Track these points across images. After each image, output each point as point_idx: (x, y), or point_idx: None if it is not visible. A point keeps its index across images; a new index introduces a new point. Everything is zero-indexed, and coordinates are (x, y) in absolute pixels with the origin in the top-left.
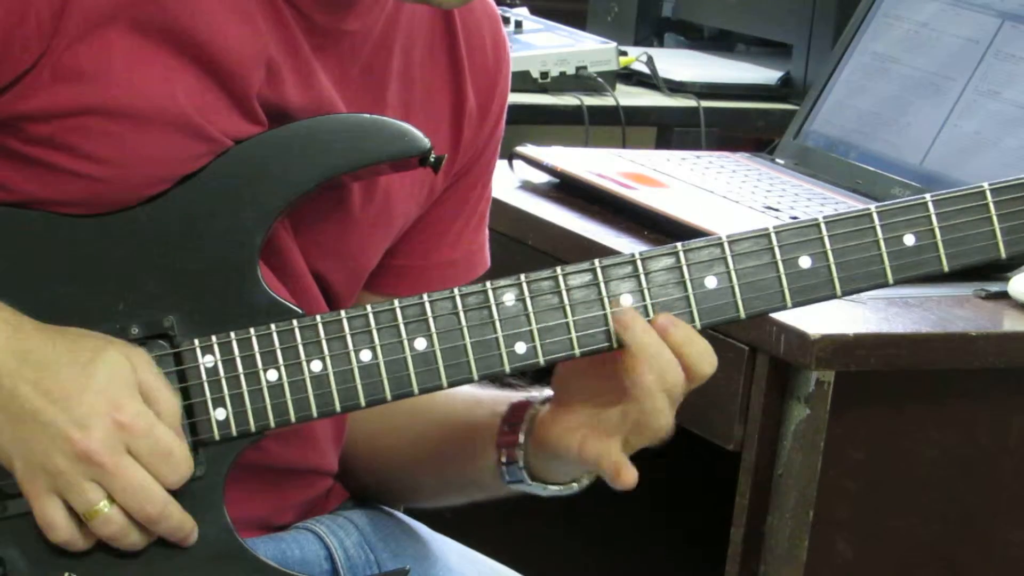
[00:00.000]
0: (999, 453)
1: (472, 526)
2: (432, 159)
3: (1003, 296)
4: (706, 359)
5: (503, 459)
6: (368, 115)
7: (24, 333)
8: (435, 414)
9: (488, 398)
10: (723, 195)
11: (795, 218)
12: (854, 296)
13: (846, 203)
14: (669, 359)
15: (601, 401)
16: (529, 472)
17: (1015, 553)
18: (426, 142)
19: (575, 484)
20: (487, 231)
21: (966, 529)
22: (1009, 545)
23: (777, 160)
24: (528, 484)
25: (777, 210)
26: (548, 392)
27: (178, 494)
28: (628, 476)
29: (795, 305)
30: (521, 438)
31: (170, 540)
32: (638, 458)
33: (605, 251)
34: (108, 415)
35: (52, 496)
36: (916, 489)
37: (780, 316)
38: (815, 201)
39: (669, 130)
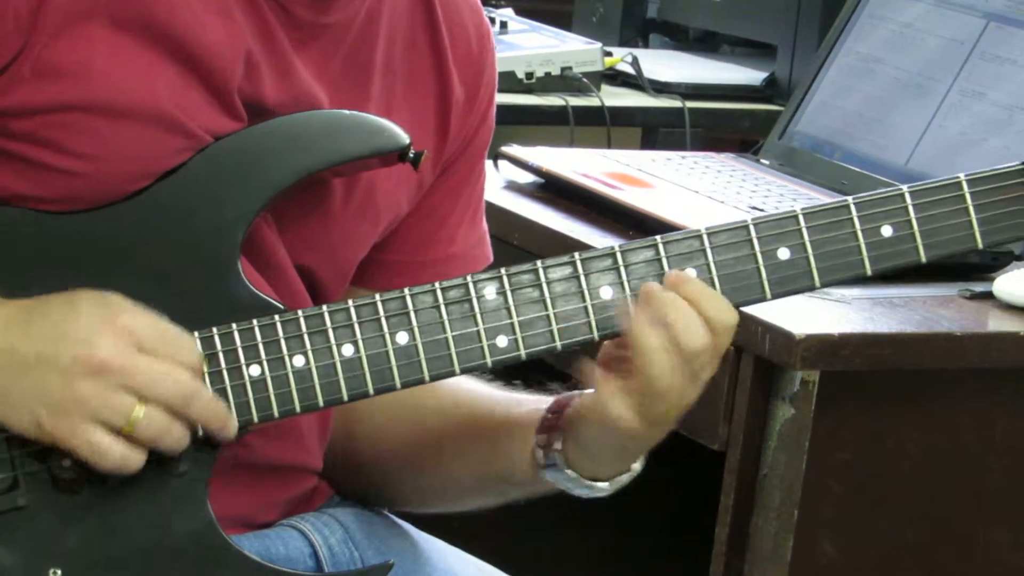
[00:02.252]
0: (983, 453)
1: (458, 525)
2: (412, 155)
3: (988, 296)
4: (723, 313)
5: (542, 443)
6: (348, 111)
7: (2, 305)
8: (461, 411)
9: (530, 398)
10: (708, 195)
11: None
12: (839, 296)
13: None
14: (684, 309)
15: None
16: (565, 458)
17: (998, 554)
18: (405, 138)
19: (605, 483)
20: (485, 226)
21: (950, 529)
22: (992, 545)
23: (762, 160)
24: (563, 470)
25: (762, 210)
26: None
27: (163, 491)
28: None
29: (775, 296)
30: (563, 421)
31: (210, 429)
32: None
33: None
34: (106, 326)
35: (88, 424)
36: (901, 489)
37: (765, 316)
38: (800, 201)
39: (654, 130)
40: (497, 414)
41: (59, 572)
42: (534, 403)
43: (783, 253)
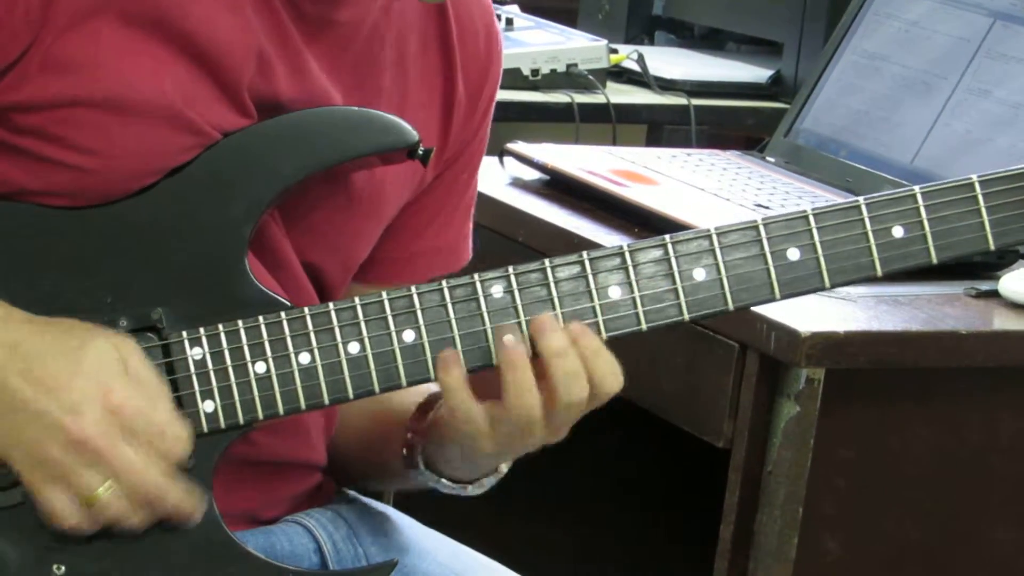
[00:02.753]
0: (988, 451)
1: (462, 521)
2: (421, 152)
3: (993, 295)
4: (611, 376)
5: (406, 442)
6: (356, 108)
7: (13, 324)
8: (378, 402)
9: (416, 390)
10: (714, 193)
11: None
12: (844, 294)
13: (836, 201)
14: (577, 367)
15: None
16: (426, 460)
17: (1003, 551)
18: (415, 135)
19: (471, 485)
20: (471, 223)
21: (955, 527)
22: (997, 543)
23: (767, 158)
24: (421, 471)
25: (767, 207)
26: None
27: None
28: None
29: (783, 297)
30: (427, 423)
31: (173, 520)
32: (630, 456)
33: (596, 248)
34: (99, 399)
35: (53, 485)
36: (905, 487)
37: (770, 314)
38: (806, 199)
39: (659, 128)
40: (384, 407)
41: (63, 568)
42: (413, 396)
43: (793, 253)
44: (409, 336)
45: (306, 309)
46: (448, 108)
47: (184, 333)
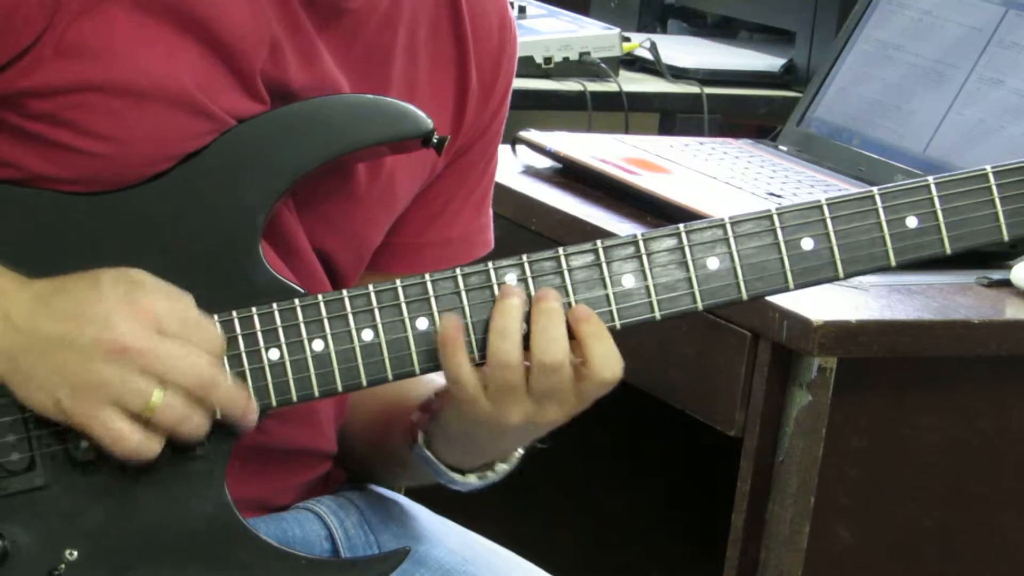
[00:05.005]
0: (1000, 440)
1: (472, 510)
2: (435, 140)
3: (1005, 284)
4: (609, 363)
5: (414, 421)
6: (371, 96)
7: (31, 286)
8: (391, 392)
9: (427, 378)
10: (726, 181)
11: None
12: (857, 283)
13: (849, 190)
14: (556, 331)
15: None
16: (425, 438)
17: (1015, 540)
18: (429, 123)
19: (471, 476)
20: (490, 213)
21: (966, 515)
22: (1009, 532)
23: (780, 147)
24: (424, 453)
25: (780, 196)
26: None
27: (180, 473)
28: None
29: (797, 287)
30: (434, 407)
31: (231, 417)
32: (641, 444)
33: (608, 236)
34: (127, 309)
35: (107, 408)
36: (917, 476)
37: (783, 302)
38: (818, 188)
39: (672, 116)
40: (400, 396)
41: (75, 553)
42: (429, 387)
43: (807, 243)
44: (423, 324)
45: (319, 296)
46: (461, 98)
47: None
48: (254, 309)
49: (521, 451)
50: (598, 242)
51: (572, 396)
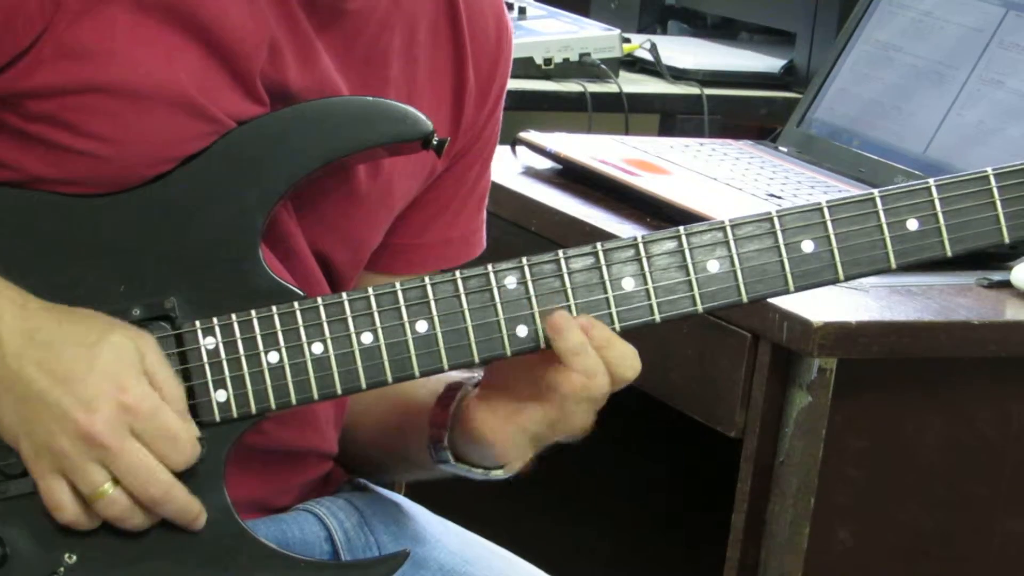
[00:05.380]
0: (1000, 441)
1: (471, 510)
2: (435, 142)
3: (1005, 285)
4: (627, 362)
5: (432, 437)
6: (371, 98)
7: (30, 312)
8: (394, 392)
9: (433, 379)
10: (726, 182)
11: None
12: (857, 284)
13: (849, 191)
14: (596, 362)
15: (526, 395)
16: (453, 452)
17: (1015, 542)
18: (428, 125)
19: (500, 471)
20: (484, 214)
21: (966, 517)
22: (1009, 534)
23: (780, 148)
24: (452, 464)
25: (780, 197)
26: (479, 377)
27: (179, 475)
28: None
29: (797, 289)
30: (449, 417)
31: (176, 523)
32: (642, 445)
33: (608, 237)
34: (113, 397)
35: (58, 477)
36: (917, 477)
37: (783, 303)
38: (818, 189)
39: (672, 117)
40: (402, 398)
41: (74, 557)
42: (428, 387)
43: (807, 246)
44: (422, 327)
45: (319, 299)
46: (459, 99)
47: (197, 322)
48: (253, 312)
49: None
50: (598, 245)
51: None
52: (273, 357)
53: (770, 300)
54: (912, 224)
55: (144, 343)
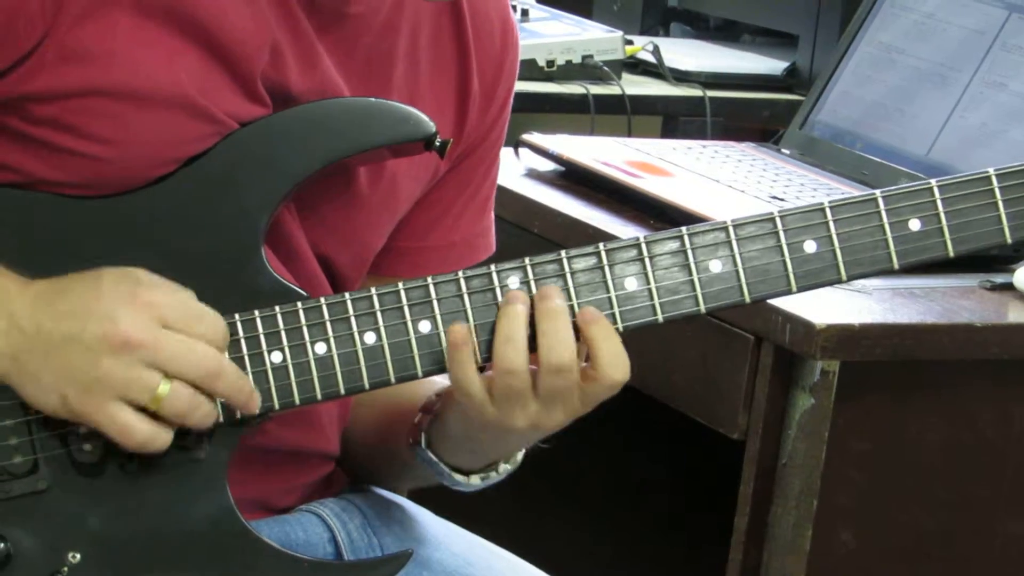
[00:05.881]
0: (1003, 444)
1: (475, 513)
2: (438, 143)
3: (1008, 287)
4: (618, 361)
5: (416, 421)
6: (373, 99)
7: (33, 286)
8: (393, 394)
9: (430, 388)
10: (728, 184)
11: None
12: (860, 286)
13: (851, 193)
14: (563, 333)
15: None
16: (428, 439)
17: (1017, 543)
18: (431, 126)
19: (474, 476)
20: (492, 217)
21: (969, 519)
22: (1012, 536)
23: (783, 150)
24: (422, 449)
25: (782, 199)
26: None
27: (182, 475)
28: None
29: (800, 290)
30: (438, 406)
31: (235, 404)
32: (644, 447)
33: (610, 239)
34: (129, 302)
35: (114, 402)
36: (919, 479)
37: (786, 306)
38: (820, 191)
39: (675, 119)
40: (403, 397)
41: (78, 556)
42: (432, 384)
43: (809, 246)
44: (425, 327)
45: (322, 299)
46: (463, 102)
47: None
48: (256, 312)
49: (523, 451)
50: (600, 245)
51: (578, 398)
52: (276, 357)
53: (773, 302)
54: (914, 224)
55: (136, 269)
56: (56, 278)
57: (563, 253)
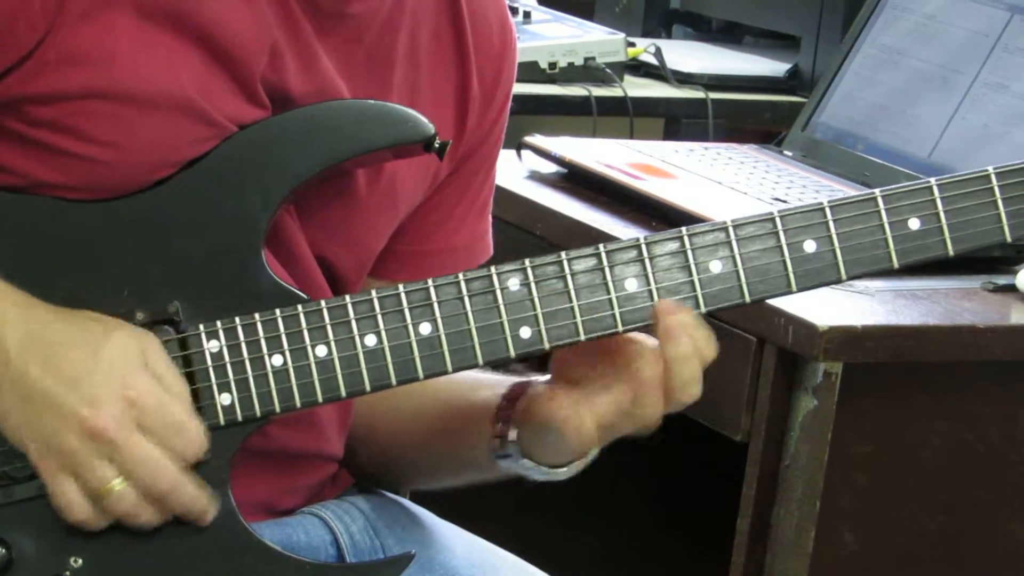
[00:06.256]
0: (1005, 446)
1: (477, 513)
2: (437, 145)
3: (1011, 289)
4: (711, 344)
5: (497, 432)
6: (373, 101)
7: (33, 314)
8: (437, 394)
9: (492, 380)
10: (731, 186)
11: None
12: (862, 288)
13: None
14: (687, 346)
15: (596, 385)
16: (521, 448)
17: (1020, 545)
18: (430, 128)
19: (563, 469)
20: (490, 219)
21: (972, 521)
22: (1014, 538)
23: (785, 152)
24: (517, 460)
25: (785, 201)
26: (548, 376)
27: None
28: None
29: (800, 289)
30: (518, 411)
31: (186, 518)
32: (647, 449)
33: (612, 241)
34: (118, 392)
35: (66, 475)
36: (922, 481)
37: (788, 307)
38: (823, 193)
39: (677, 121)
40: (458, 396)
41: (80, 560)
42: (490, 388)
43: (809, 246)
44: (426, 329)
45: (323, 302)
46: (462, 103)
47: (201, 326)
48: (257, 315)
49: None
50: (600, 246)
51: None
52: (277, 360)
53: (775, 304)
54: (914, 223)
55: (147, 342)
56: (61, 314)
57: (563, 254)
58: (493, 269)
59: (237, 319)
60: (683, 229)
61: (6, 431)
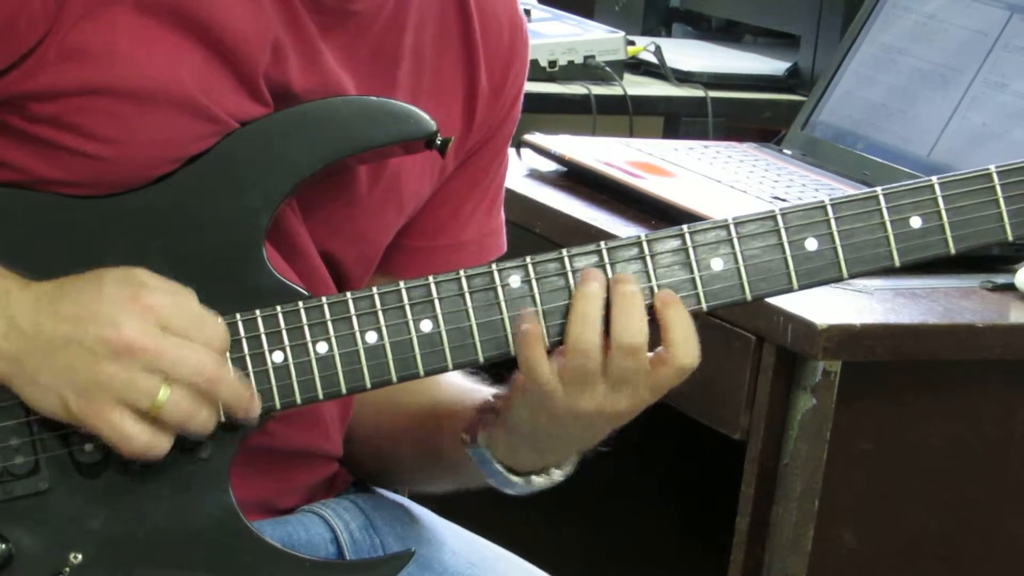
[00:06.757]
0: (1005, 444)
1: (476, 513)
2: (439, 142)
3: (1010, 288)
4: (690, 346)
5: (471, 421)
6: (374, 97)
7: (36, 287)
8: (437, 395)
9: (485, 389)
10: (730, 184)
11: None
12: (861, 286)
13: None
14: (637, 309)
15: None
16: (493, 450)
17: (1020, 544)
18: (432, 125)
19: (540, 478)
20: (503, 218)
21: (971, 520)
22: (1014, 536)
23: (784, 150)
24: (478, 448)
25: (784, 200)
26: None
27: (185, 476)
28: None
29: (801, 287)
30: (496, 406)
31: (235, 412)
32: (646, 448)
33: (612, 239)
34: (131, 307)
35: (114, 407)
36: (921, 479)
37: (787, 306)
38: (822, 191)
39: (676, 120)
40: (454, 404)
41: (80, 556)
42: (486, 391)
43: (811, 244)
44: (427, 326)
45: (324, 298)
46: (470, 99)
47: None
48: (258, 311)
49: (576, 456)
50: (602, 243)
51: (645, 385)
52: (278, 356)
53: (774, 302)
54: (915, 221)
55: (137, 268)
56: (57, 280)
57: (564, 252)
58: (494, 266)
59: (238, 315)
60: (684, 227)
61: (40, 398)
